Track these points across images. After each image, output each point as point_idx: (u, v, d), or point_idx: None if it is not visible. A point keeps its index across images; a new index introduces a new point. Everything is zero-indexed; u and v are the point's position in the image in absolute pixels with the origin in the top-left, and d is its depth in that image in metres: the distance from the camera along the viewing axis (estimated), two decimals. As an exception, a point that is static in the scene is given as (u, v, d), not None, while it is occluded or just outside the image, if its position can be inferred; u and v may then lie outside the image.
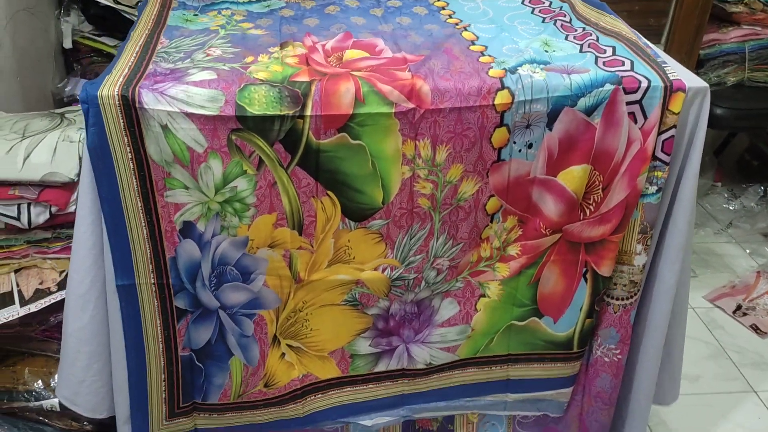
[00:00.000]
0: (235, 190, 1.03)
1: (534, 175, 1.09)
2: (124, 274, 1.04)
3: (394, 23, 1.24)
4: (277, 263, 1.10)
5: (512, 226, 1.14)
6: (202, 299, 1.11)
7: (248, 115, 0.97)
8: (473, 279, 1.18)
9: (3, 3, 1.53)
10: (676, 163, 1.11)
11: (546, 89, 1.02)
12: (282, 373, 1.20)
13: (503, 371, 1.26)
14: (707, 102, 1.07)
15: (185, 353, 1.14)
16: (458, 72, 1.04)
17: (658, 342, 1.22)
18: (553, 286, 1.18)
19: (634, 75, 1.04)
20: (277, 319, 1.16)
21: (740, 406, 1.69)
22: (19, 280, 1.24)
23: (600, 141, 1.06)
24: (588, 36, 1.16)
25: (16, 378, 1.27)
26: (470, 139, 1.04)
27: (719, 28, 2.19)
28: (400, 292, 1.16)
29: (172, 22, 1.21)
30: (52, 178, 1.18)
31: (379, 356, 1.22)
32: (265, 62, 1.06)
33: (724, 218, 2.44)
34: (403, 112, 1.01)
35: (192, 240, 1.06)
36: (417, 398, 1.26)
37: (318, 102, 0.98)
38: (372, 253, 1.12)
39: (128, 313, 1.07)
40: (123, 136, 0.96)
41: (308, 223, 1.07)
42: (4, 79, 1.53)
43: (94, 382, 1.12)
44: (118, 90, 0.95)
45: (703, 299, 2.05)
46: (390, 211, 1.08)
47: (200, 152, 0.99)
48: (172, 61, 1.05)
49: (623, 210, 1.10)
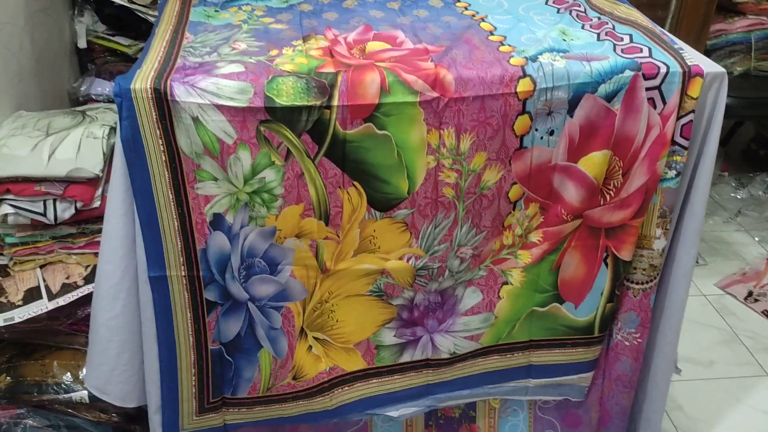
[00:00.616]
0: (264, 181, 1.04)
1: (555, 161, 1.10)
2: (156, 266, 1.06)
3: (411, 16, 1.26)
4: (304, 253, 1.12)
5: (534, 213, 1.15)
6: (232, 291, 1.12)
7: (277, 107, 0.99)
8: (496, 267, 1.20)
9: (21, 4, 1.55)
10: (694, 147, 1.13)
11: (567, 76, 1.04)
12: (310, 365, 1.21)
13: (525, 357, 1.28)
14: (725, 87, 1.09)
15: (215, 346, 1.15)
16: (480, 61, 1.06)
17: (676, 324, 1.24)
18: (574, 272, 1.20)
19: (652, 61, 1.06)
20: (304, 311, 1.17)
21: (754, 390, 1.71)
22: (45, 276, 1.26)
23: (620, 127, 1.08)
24: (604, 25, 1.18)
25: (45, 371, 1.29)
26: (493, 127, 1.06)
27: (725, 18, 2.20)
28: (424, 282, 1.17)
29: (194, 18, 1.23)
30: (78, 174, 1.20)
31: (403, 347, 1.23)
32: (290, 55, 1.07)
33: (733, 207, 2.46)
34: (428, 101, 1.02)
35: (222, 232, 1.07)
36: (441, 387, 1.28)
37: (344, 92, 1.00)
38: (397, 243, 1.13)
39: (160, 305, 1.09)
40: (156, 128, 0.98)
41: (335, 213, 1.09)
42: (24, 79, 1.55)
43: (125, 371, 1.14)
44: (150, 83, 0.96)
45: (715, 286, 2.07)
46: (415, 200, 1.10)
47: (230, 144, 1.01)
48: (199, 55, 1.06)
49: (643, 195, 1.12)
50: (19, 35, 1.53)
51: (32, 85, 1.59)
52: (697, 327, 1.91)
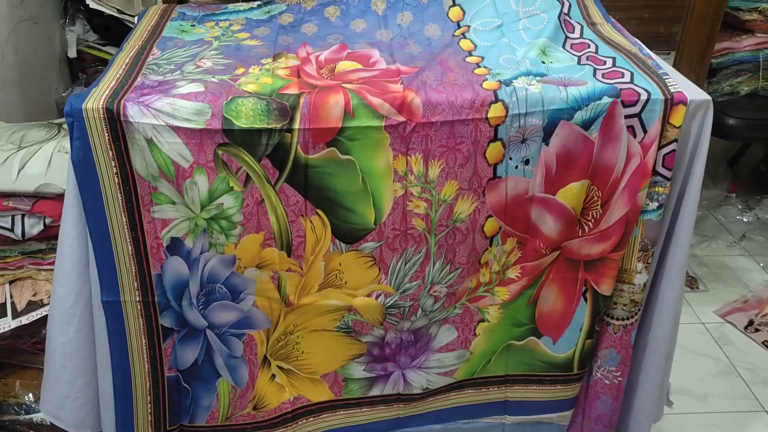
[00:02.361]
0: (222, 207, 1.01)
1: (532, 193, 1.05)
2: (109, 290, 1.03)
3: (394, 26, 1.22)
4: (266, 285, 1.08)
5: (512, 248, 1.10)
6: (189, 318, 1.09)
7: (235, 129, 0.95)
8: (472, 305, 1.15)
9: (5, 14, 1.53)
10: (678, 178, 1.07)
11: (541, 102, 0.99)
12: (272, 395, 1.17)
13: (501, 392, 1.23)
14: (710, 115, 1.04)
15: (171, 374, 1.11)
16: (451, 84, 1.02)
17: (660, 362, 1.19)
18: (552, 305, 1.15)
19: (633, 87, 1.01)
20: (268, 340, 1.13)
21: (750, 427, 1.64)
22: (13, 292, 1.24)
23: (598, 155, 1.03)
24: (586, 48, 1.13)
25: (6, 390, 1.27)
26: (464, 153, 1.01)
27: (732, 36, 2.14)
28: (395, 321, 1.13)
29: (167, 33, 1.20)
30: (46, 189, 1.17)
31: (373, 381, 1.19)
32: (256, 74, 1.04)
33: (738, 230, 2.38)
34: (394, 126, 0.98)
35: (179, 257, 1.04)
36: (413, 421, 1.24)
37: (306, 115, 0.96)
38: (365, 278, 1.09)
39: (114, 331, 1.06)
40: (108, 150, 0.95)
41: (297, 243, 1.05)
42: (6, 89, 1.54)
43: (79, 398, 1.11)
44: (102, 103, 0.94)
45: (714, 314, 2.00)
46: (383, 232, 1.05)
47: (186, 167, 0.97)
48: (161, 73, 1.03)
49: (623, 227, 1.07)
50: (1, 44, 1.52)
51: (15, 94, 1.58)
52: (693, 356, 1.84)
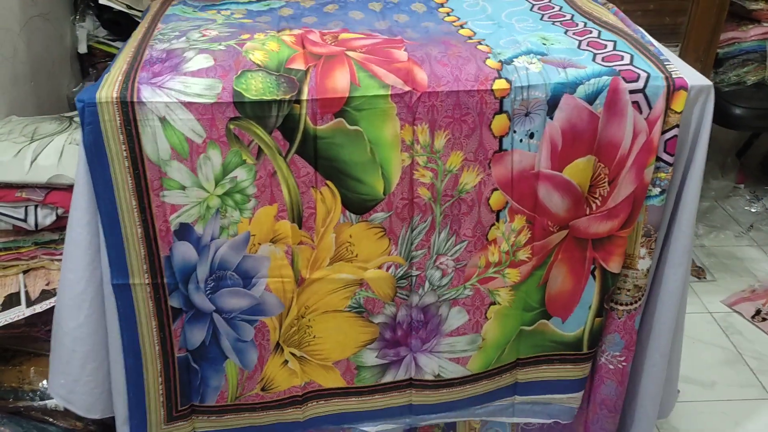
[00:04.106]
0: (235, 180, 1.02)
1: (539, 168, 1.05)
2: (119, 273, 1.04)
3: (390, 20, 1.23)
4: (280, 261, 1.08)
5: (521, 227, 1.10)
6: (195, 301, 1.10)
7: (246, 101, 0.97)
8: (482, 286, 1.15)
9: (17, 10, 1.56)
10: (680, 164, 1.08)
11: (543, 77, 1.00)
12: (282, 379, 1.18)
13: (512, 376, 1.23)
14: (711, 101, 1.04)
15: (181, 354, 1.13)
16: (456, 56, 1.03)
17: (664, 347, 1.19)
18: (561, 285, 1.15)
19: (632, 68, 1.01)
20: (281, 326, 1.14)
21: (757, 414, 1.64)
22: (27, 281, 1.26)
23: (603, 131, 1.02)
24: (588, 33, 1.14)
25: (21, 377, 1.29)
26: (469, 124, 1.02)
27: (739, 26, 2.13)
28: (405, 294, 1.13)
29: (170, 12, 1.22)
30: (58, 180, 1.20)
31: (386, 367, 1.20)
32: (262, 39, 1.06)
33: (746, 221, 2.37)
34: (400, 95, 0.99)
35: (188, 242, 1.06)
36: (424, 409, 1.24)
37: (314, 86, 0.98)
38: (375, 250, 1.09)
39: (124, 313, 1.07)
40: (119, 134, 0.97)
41: (308, 215, 1.06)
42: (18, 84, 1.56)
43: (89, 381, 1.12)
44: (117, 89, 0.96)
45: (721, 303, 2.00)
46: (392, 202, 1.06)
47: (199, 143, 0.99)
48: (167, 40, 1.05)
49: (631, 204, 1.07)
50: (13, 40, 1.54)
51: (27, 89, 1.61)
52: (700, 345, 1.84)
